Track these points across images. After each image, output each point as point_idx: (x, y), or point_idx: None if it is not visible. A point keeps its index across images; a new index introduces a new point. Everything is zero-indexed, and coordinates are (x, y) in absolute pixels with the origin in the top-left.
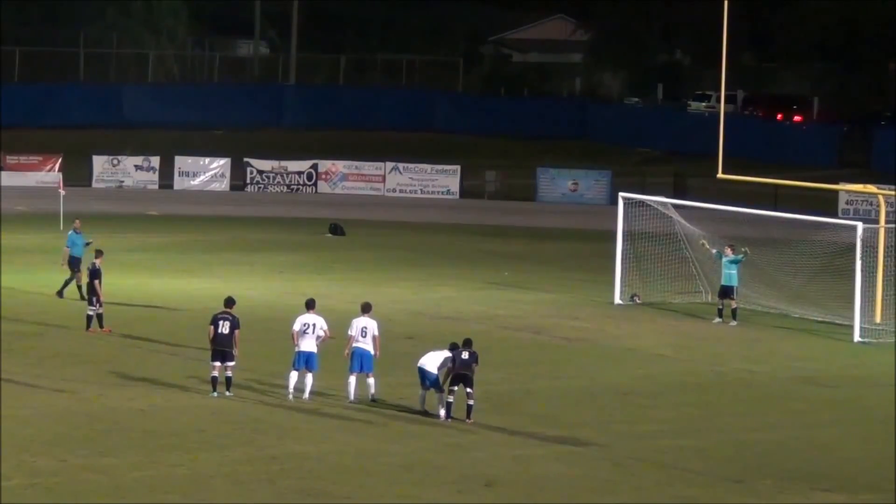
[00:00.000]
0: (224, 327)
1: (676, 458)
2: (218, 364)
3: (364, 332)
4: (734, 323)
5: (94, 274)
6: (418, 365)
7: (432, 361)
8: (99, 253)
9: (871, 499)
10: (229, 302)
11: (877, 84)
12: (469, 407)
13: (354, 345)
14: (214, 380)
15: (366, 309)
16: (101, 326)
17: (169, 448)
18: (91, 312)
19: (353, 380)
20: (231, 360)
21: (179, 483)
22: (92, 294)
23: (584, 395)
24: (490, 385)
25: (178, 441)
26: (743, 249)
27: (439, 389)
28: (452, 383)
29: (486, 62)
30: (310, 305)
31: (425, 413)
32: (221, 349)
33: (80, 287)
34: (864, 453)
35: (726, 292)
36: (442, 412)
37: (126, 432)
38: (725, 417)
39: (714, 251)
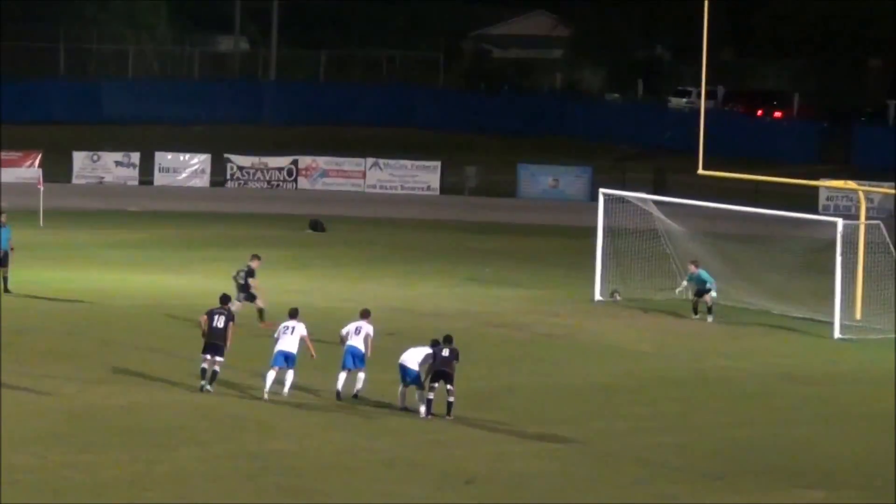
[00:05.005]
0: (219, 321)
1: (657, 455)
2: (209, 357)
3: (358, 329)
4: (710, 318)
5: (249, 273)
6: (399, 361)
7: (413, 358)
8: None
9: (851, 495)
10: (225, 299)
11: (857, 80)
12: (449, 404)
13: (348, 342)
14: (204, 371)
15: (364, 315)
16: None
17: (149, 445)
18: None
19: (343, 375)
20: (221, 355)
21: (159, 480)
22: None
23: (564, 391)
24: (470, 381)
25: (158, 438)
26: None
27: (420, 386)
28: (433, 380)
29: (467, 58)
30: (293, 314)
31: (406, 410)
32: (214, 342)
33: (5, 279)
34: (843, 450)
35: (699, 293)
36: (422, 409)
37: (106, 429)
38: (706, 414)
39: (684, 284)
